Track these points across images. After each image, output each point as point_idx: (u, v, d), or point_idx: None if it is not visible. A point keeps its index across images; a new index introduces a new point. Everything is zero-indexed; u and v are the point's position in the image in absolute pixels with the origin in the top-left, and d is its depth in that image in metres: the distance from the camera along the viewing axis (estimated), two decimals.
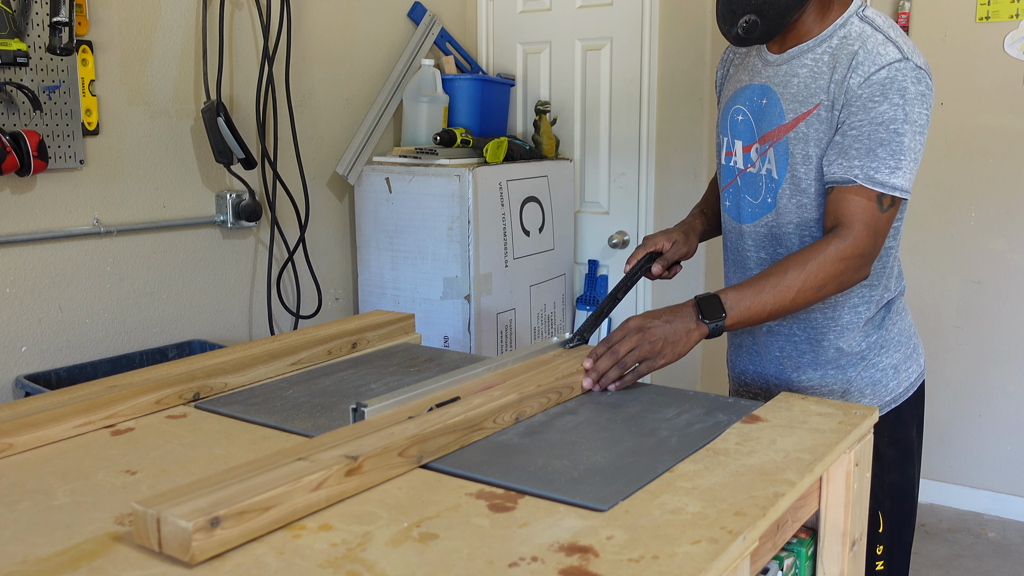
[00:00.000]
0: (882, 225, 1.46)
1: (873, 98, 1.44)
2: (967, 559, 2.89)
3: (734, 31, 1.54)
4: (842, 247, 1.44)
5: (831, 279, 1.44)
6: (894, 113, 1.43)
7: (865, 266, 1.47)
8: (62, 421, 1.25)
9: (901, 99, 1.42)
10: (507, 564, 0.88)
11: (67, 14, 2.05)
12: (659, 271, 1.74)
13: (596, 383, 1.44)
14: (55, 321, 2.28)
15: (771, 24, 1.51)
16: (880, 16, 1.52)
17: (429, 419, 1.20)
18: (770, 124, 1.58)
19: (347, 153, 2.98)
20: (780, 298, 1.44)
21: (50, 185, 2.23)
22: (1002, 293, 3.07)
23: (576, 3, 3.26)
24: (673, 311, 1.45)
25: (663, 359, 1.41)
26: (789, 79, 1.55)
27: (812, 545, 1.26)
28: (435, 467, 1.13)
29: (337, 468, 1.03)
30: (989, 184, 3.04)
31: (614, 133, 3.25)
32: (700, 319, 1.43)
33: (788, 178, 1.56)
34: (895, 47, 1.45)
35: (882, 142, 1.43)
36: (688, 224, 1.83)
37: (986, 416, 3.16)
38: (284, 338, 1.69)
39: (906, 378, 1.65)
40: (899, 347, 1.65)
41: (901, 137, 1.43)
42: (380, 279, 3.00)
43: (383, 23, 3.10)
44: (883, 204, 1.45)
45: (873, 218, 1.45)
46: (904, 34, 1.50)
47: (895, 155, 1.43)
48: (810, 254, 1.44)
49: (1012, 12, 2.91)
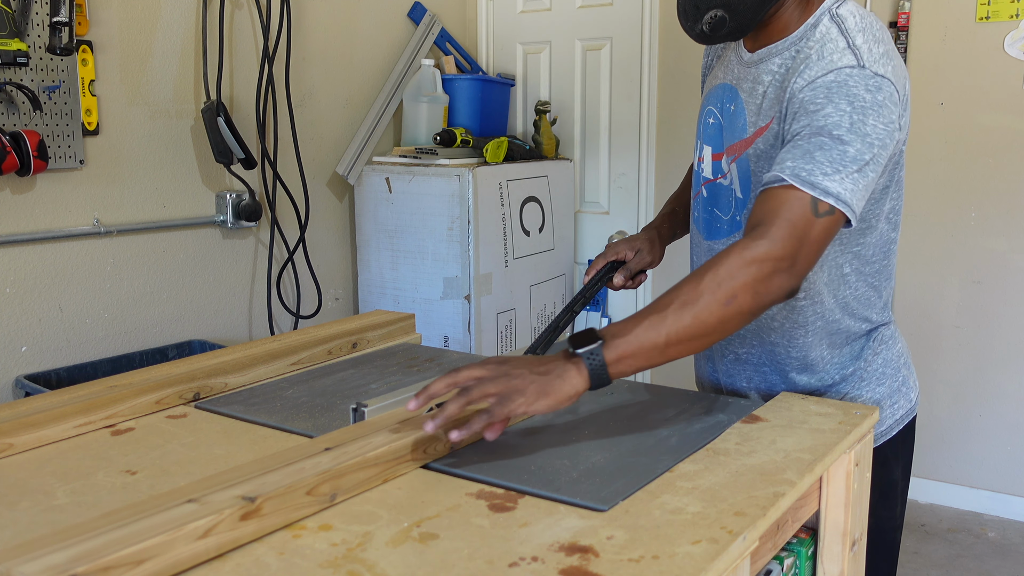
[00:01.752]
0: (814, 233, 1.18)
1: (816, 101, 1.23)
2: (967, 559, 2.89)
3: (698, 28, 1.34)
4: (754, 247, 1.16)
5: (743, 289, 1.15)
6: (839, 118, 1.21)
7: (785, 274, 1.17)
8: (62, 421, 1.25)
9: (849, 105, 1.21)
10: (507, 564, 0.88)
11: (67, 14, 2.05)
12: (621, 282, 1.58)
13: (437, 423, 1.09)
14: (55, 321, 2.28)
15: (741, 20, 1.31)
16: (855, 14, 1.31)
17: (348, 451, 1.05)
18: (734, 135, 1.40)
19: (347, 153, 2.98)
20: (678, 321, 1.13)
21: (50, 185, 2.23)
22: (1002, 293, 3.07)
23: (576, 3, 3.26)
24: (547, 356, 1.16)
25: (522, 399, 1.08)
26: (755, 86, 1.37)
27: (812, 545, 1.26)
28: (435, 467, 1.13)
29: (230, 512, 0.90)
30: (989, 184, 3.04)
31: (614, 133, 3.25)
32: (572, 354, 1.12)
33: (752, 198, 1.39)
34: (853, 55, 1.25)
35: (821, 146, 1.20)
36: (654, 230, 1.66)
37: (986, 416, 3.16)
38: (284, 338, 1.69)
39: (890, 415, 1.46)
40: (883, 380, 1.45)
41: (845, 146, 1.19)
42: (380, 279, 3.00)
43: (383, 23, 3.10)
44: (817, 209, 1.18)
45: (801, 219, 1.18)
46: (880, 37, 1.29)
47: (834, 162, 1.19)
48: (712, 261, 1.18)
49: (1012, 12, 2.91)
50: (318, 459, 1.04)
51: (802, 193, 1.19)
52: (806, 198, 1.18)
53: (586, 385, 1.12)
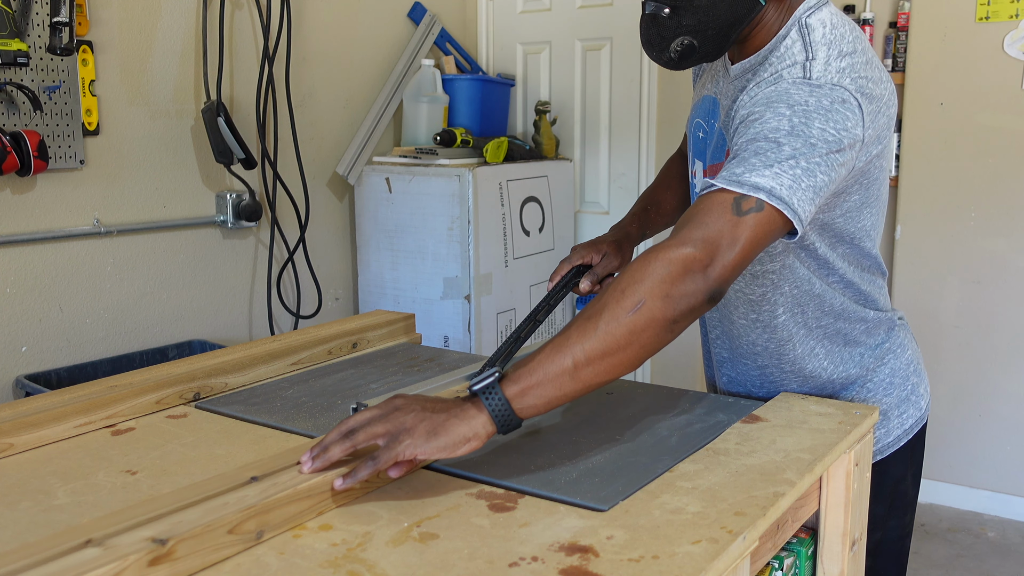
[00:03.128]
0: (739, 232, 1.07)
1: (754, 111, 1.16)
2: (967, 559, 2.89)
3: (665, 56, 1.25)
4: (660, 249, 1.06)
5: (650, 293, 1.02)
6: (777, 123, 1.13)
7: (700, 275, 1.05)
8: (62, 421, 1.25)
9: (788, 110, 1.13)
10: (507, 564, 0.88)
11: (67, 14, 2.05)
12: (588, 287, 1.45)
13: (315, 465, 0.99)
14: (55, 321, 2.28)
15: (712, 46, 1.24)
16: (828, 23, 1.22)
17: (277, 483, 0.96)
18: (718, 154, 1.33)
19: (347, 153, 2.98)
20: (583, 339, 1.02)
21: (50, 185, 2.23)
22: (1002, 293, 3.07)
23: (576, 3, 3.26)
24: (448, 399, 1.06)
25: (409, 439, 0.98)
26: (731, 104, 1.28)
27: (812, 545, 1.26)
28: (435, 467, 1.13)
29: (136, 558, 0.80)
30: (989, 184, 3.04)
31: (614, 133, 3.25)
32: (470, 391, 1.03)
33: None
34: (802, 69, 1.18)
35: (757, 151, 1.11)
36: (622, 230, 1.54)
37: (986, 416, 3.16)
38: (284, 338, 1.69)
39: (898, 425, 1.41)
40: (890, 390, 1.41)
41: (781, 147, 1.10)
42: (380, 279, 3.00)
43: (383, 23, 3.10)
44: (740, 207, 1.08)
45: (720, 220, 1.07)
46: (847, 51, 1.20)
47: (768, 162, 1.10)
48: (619, 274, 1.08)
49: (1012, 12, 2.92)
50: (243, 492, 0.93)
51: (726, 194, 1.09)
52: (729, 198, 1.09)
53: (489, 426, 1.00)
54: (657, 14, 1.22)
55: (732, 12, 1.20)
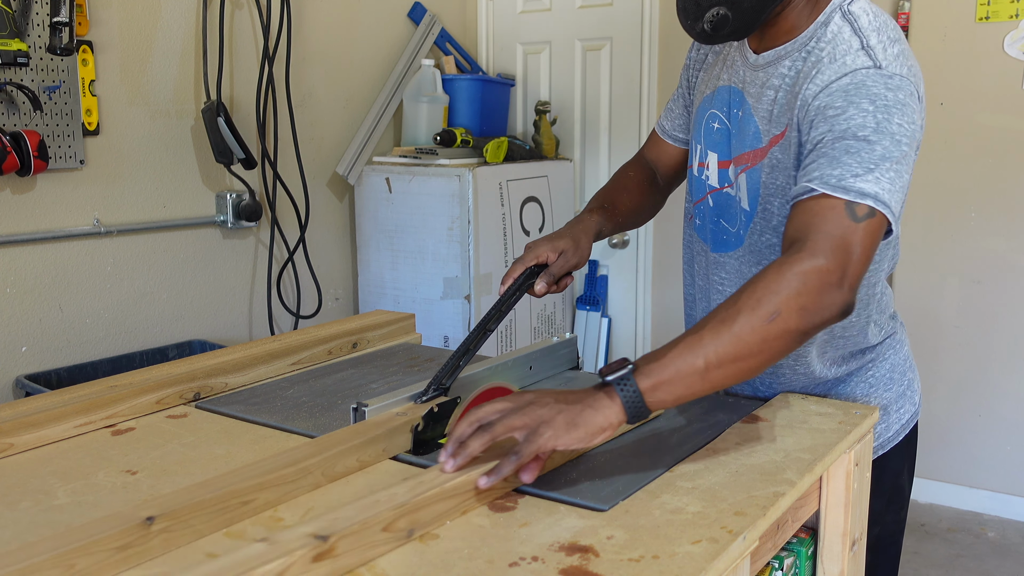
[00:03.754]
0: (857, 238, 1.09)
1: (834, 105, 1.17)
2: (967, 559, 2.89)
3: (699, 26, 1.26)
4: (794, 262, 1.07)
5: (787, 304, 1.04)
6: (862, 120, 1.14)
7: (835, 288, 1.07)
8: (62, 421, 1.25)
9: (871, 105, 1.15)
10: (507, 564, 0.88)
11: (67, 14, 2.05)
12: (544, 289, 1.39)
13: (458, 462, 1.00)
14: (55, 321, 2.28)
15: (745, 19, 1.24)
16: (868, 12, 1.25)
17: (424, 481, 0.97)
18: (744, 144, 1.32)
19: (347, 153, 2.98)
20: (716, 342, 1.04)
21: (50, 185, 2.23)
22: (1002, 293, 3.07)
23: (576, 3, 3.26)
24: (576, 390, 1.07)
25: (550, 431, 0.99)
26: (764, 91, 1.30)
27: (812, 545, 1.26)
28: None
29: (302, 553, 0.82)
30: (989, 184, 3.04)
31: (614, 133, 3.25)
32: (603, 383, 1.05)
33: (760, 212, 1.31)
34: (868, 56, 1.19)
35: (848, 149, 1.13)
36: (579, 227, 1.46)
37: (986, 416, 3.16)
38: (284, 338, 1.69)
39: (896, 420, 1.43)
40: (890, 385, 1.42)
41: (873, 145, 1.12)
42: (380, 279, 3.00)
43: (383, 23, 3.10)
44: (856, 213, 1.10)
45: (841, 228, 1.09)
46: (895, 38, 1.23)
47: (864, 163, 1.12)
48: (750, 281, 1.08)
49: (1012, 12, 2.92)
50: (393, 490, 0.94)
51: (836, 200, 1.10)
52: (840, 204, 1.10)
53: (621, 416, 1.02)
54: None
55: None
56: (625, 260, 3.29)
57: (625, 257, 3.29)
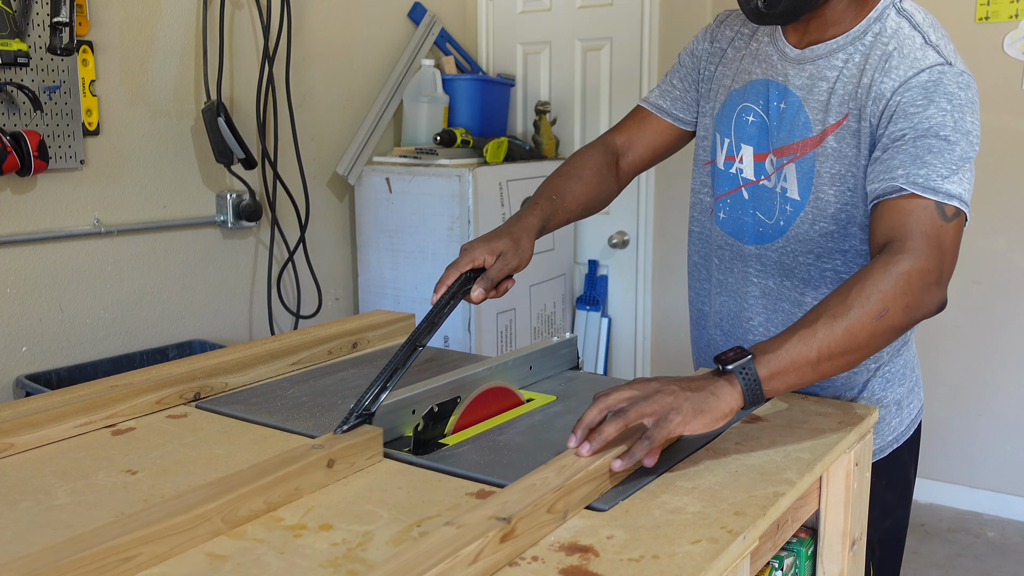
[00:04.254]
0: (948, 238, 1.17)
1: (915, 103, 1.22)
2: (967, 559, 2.89)
3: (754, 3, 1.29)
4: (899, 262, 1.14)
5: (894, 303, 1.12)
6: (942, 119, 1.20)
7: (935, 287, 1.16)
8: (62, 421, 1.25)
9: (949, 104, 1.20)
10: (507, 564, 0.88)
11: (67, 14, 2.05)
12: (482, 295, 1.33)
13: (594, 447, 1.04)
14: (55, 321, 2.28)
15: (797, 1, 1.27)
16: (920, 11, 1.30)
17: (567, 466, 1.01)
18: (792, 135, 1.35)
19: (347, 153, 2.98)
20: (829, 335, 1.10)
21: (50, 185, 2.24)
22: (1002, 293, 3.07)
23: (576, 3, 3.27)
24: (696, 377, 1.12)
25: (679, 417, 1.05)
26: (816, 83, 1.33)
27: (812, 545, 1.26)
28: (435, 467, 1.13)
29: (492, 535, 0.85)
30: (989, 184, 3.04)
31: None
32: (723, 370, 1.10)
33: (812, 200, 1.34)
34: (935, 51, 1.24)
35: (930, 149, 1.19)
36: (519, 225, 1.40)
37: (986, 416, 3.16)
38: (284, 338, 1.69)
39: (908, 414, 1.47)
40: (903, 380, 1.46)
41: (953, 146, 1.19)
42: (380, 279, 3.00)
43: (383, 23, 3.10)
44: (945, 213, 1.17)
45: (934, 227, 1.17)
46: (946, 35, 1.29)
47: (948, 163, 1.18)
48: (857, 277, 1.14)
49: (1012, 12, 2.92)
50: (544, 474, 0.98)
51: (926, 200, 1.17)
52: (931, 204, 1.17)
53: (741, 402, 1.08)
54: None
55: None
56: (625, 260, 3.29)
57: (625, 257, 3.29)
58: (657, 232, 3.21)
